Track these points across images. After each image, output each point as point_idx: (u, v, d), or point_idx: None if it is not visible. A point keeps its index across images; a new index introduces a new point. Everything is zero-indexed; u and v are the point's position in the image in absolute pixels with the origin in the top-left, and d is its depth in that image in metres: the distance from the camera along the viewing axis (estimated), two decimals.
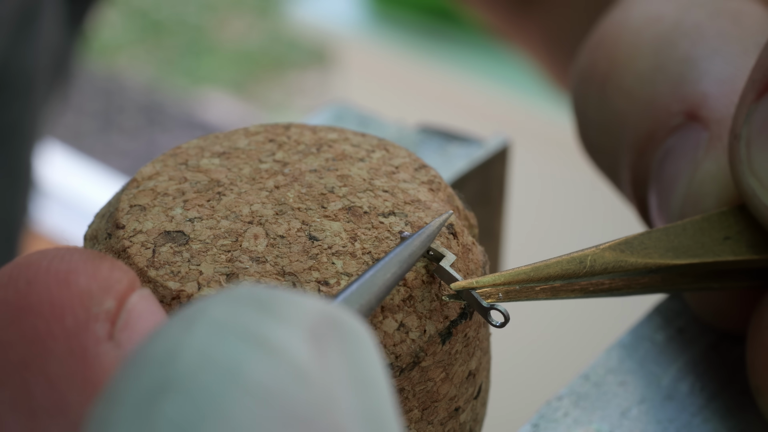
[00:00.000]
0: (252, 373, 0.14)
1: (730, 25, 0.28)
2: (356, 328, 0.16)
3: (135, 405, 0.13)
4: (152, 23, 2.25)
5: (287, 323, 0.15)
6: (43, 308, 0.16)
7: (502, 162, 0.34)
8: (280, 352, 0.14)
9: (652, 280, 0.25)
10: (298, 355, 0.14)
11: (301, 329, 0.15)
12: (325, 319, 0.15)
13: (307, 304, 0.15)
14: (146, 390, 0.14)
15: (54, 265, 0.16)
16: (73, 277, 0.16)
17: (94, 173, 1.65)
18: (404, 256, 0.21)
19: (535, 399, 0.41)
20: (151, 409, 0.13)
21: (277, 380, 0.14)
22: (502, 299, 0.22)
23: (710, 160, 0.26)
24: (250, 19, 2.26)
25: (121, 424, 0.13)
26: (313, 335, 0.15)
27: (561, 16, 0.48)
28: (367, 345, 0.16)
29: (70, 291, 0.16)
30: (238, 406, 0.13)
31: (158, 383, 0.14)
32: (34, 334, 0.16)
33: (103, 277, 0.17)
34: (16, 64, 0.57)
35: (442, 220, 0.22)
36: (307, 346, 0.15)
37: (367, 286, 0.20)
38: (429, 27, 1.23)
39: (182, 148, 0.25)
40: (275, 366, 0.14)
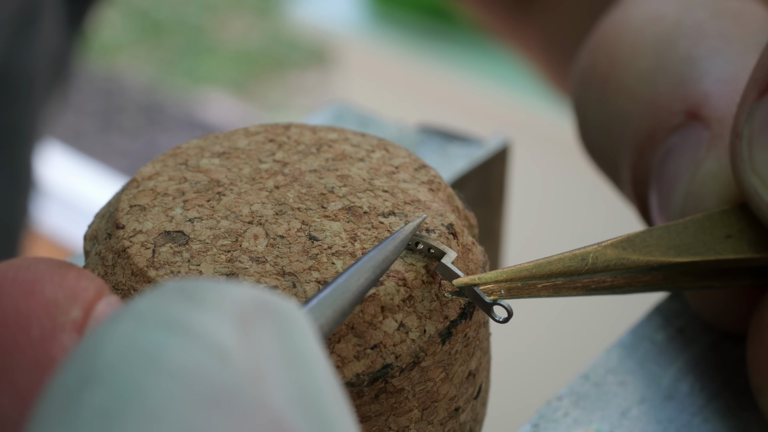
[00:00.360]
0: (171, 356, 0.14)
1: (731, 24, 0.28)
2: (288, 310, 0.16)
3: (59, 400, 0.14)
4: (152, 23, 2.25)
5: (210, 309, 0.15)
6: (9, 319, 0.16)
7: (502, 162, 0.34)
8: (201, 335, 0.14)
9: (653, 278, 0.25)
10: (219, 336, 0.14)
11: (226, 314, 0.15)
12: (253, 304, 0.15)
13: (235, 291, 0.15)
14: (70, 385, 0.14)
15: (20, 276, 0.16)
16: (38, 286, 0.16)
17: (94, 173, 1.65)
18: (378, 261, 0.20)
19: (535, 399, 0.41)
20: (73, 401, 0.13)
21: (196, 361, 0.14)
22: (504, 296, 0.22)
23: (711, 159, 0.26)
24: (250, 19, 2.26)
25: (46, 419, 0.13)
26: (239, 319, 0.15)
27: (559, 19, 0.48)
28: (300, 326, 0.15)
29: (36, 301, 0.16)
30: (158, 389, 0.13)
31: (81, 377, 0.14)
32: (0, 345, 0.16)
33: (69, 286, 0.16)
34: (16, 66, 0.57)
35: (415, 224, 0.22)
36: (231, 328, 0.15)
37: (340, 291, 0.19)
38: (429, 27, 1.23)
39: (182, 148, 0.25)
40: (195, 347, 0.14)
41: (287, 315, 0.15)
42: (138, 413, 0.13)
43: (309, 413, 0.15)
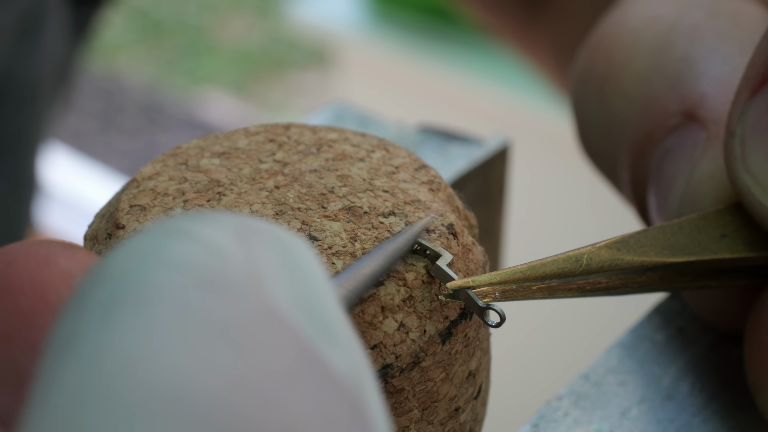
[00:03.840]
0: (171, 252, 0.15)
1: (728, 25, 0.28)
2: (285, 233, 0.16)
3: (73, 301, 0.15)
4: (152, 23, 2.25)
5: (211, 222, 0.15)
6: (25, 286, 0.17)
7: (502, 162, 0.34)
8: (200, 238, 0.15)
9: (649, 278, 0.25)
10: (217, 240, 0.15)
11: (226, 227, 0.15)
12: (254, 225, 0.16)
13: (237, 215, 0.16)
14: (82, 289, 0.15)
15: (33, 250, 0.17)
16: (53, 258, 0.17)
17: (94, 173, 1.65)
18: (389, 250, 0.21)
19: (535, 399, 0.41)
20: (82, 297, 0.14)
21: (194, 255, 0.15)
22: (499, 299, 0.22)
23: (708, 160, 0.26)
24: (250, 19, 2.26)
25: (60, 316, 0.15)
26: (239, 233, 0.15)
27: (569, 26, 0.48)
28: (297, 245, 0.16)
29: (50, 271, 0.17)
30: (156, 277, 0.14)
31: (91, 280, 0.15)
32: (16, 309, 0.16)
33: (81, 260, 0.17)
34: (21, 74, 0.57)
35: (426, 220, 0.22)
36: (230, 237, 0.15)
37: (354, 275, 0.20)
38: (429, 27, 1.23)
39: (182, 148, 0.25)
40: (193, 246, 0.15)
41: (286, 237, 0.16)
42: (137, 298, 0.14)
43: (308, 314, 0.15)
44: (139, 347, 0.14)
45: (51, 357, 0.14)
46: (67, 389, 0.13)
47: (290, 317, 0.15)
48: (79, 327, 0.14)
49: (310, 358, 0.14)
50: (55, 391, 0.14)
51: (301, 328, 0.15)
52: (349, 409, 0.14)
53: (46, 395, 0.14)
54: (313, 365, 0.14)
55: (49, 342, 0.14)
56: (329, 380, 0.14)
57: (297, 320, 0.15)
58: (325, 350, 0.15)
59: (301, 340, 0.14)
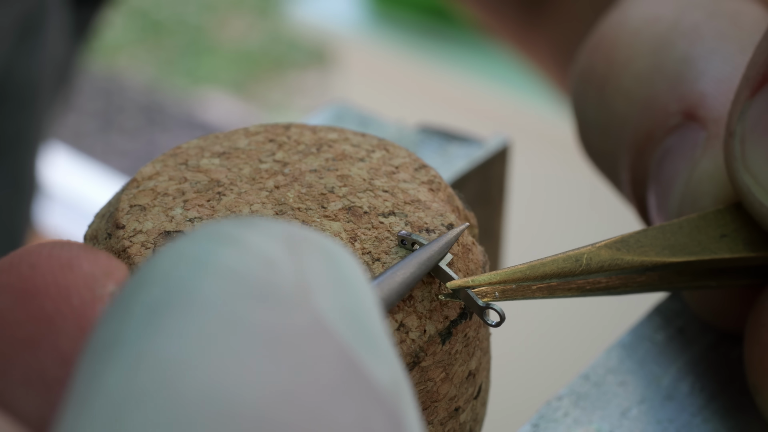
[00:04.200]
0: (219, 260, 0.15)
1: (728, 25, 0.28)
2: (335, 245, 0.16)
3: (117, 303, 0.14)
4: (152, 23, 2.25)
5: (260, 230, 0.15)
6: (49, 289, 0.16)
7: (502, 162, 0.34)
8: (249, 246, 0.15)
9: (649, 278, 0.25)
10: (267, 249, 0.15)
11: (275, 235, 0.15)
12: (302, 234, 0.16)
13: (285, 223, 0.16)
14: (127, 291, 0.15)
15: (56, 252, 0.17)
16: (76, 262, 0.17)
17: (94, 173, 1.65)
18: (423, 258, 0.21)
19: (535, 399, 0.41)
20: (127, 301, 0.14)
21: (243, 264, 0.15)
22: (498, 298, 0.22)
23: (708, 159, 0.26)
24: (250, 19, 2.26)
25: (103, 318, 0.14)
26: (287, 242, 0.15)
27: (569, 27, 0.48)
28: (348, 259, 0.16)
29: (74, 274, 0.17)
30: (204, 285, 0.14)
31: (136, 283, 0.15)
32: (42, 313, 0.16)
33: (103, 263, 0.17)
34: (21, 75, 0.57)
35: (459, 230, 0.22)
36: (280, 246, 0.15)
37: (388, 282, 0.21)
38: (429, 27, 1.23)
39: (182, 148, 0.25)
40: (243, 254, 0.15)
41: (333, 247, 0.16)
42: (183, 304, 0.14)
43: (354, 326, 0.15)
44: (185, 355, 0.13)
45: (91, 360, 0.14)
46: (107, 394, 0.13)
47: (337, 330, 0.15)
48: (122, 331, 0.14)
49: (356, 372, 0.14)
50: (94, 395, 0.13)
51: (347, 341, 0.15)
52: (390, 422, 0.14)
53: (86, 399, 0.13)
54: (359, 378, 0.14)
55: (88, 345, 0.14)
56: (373, 393, 0.14)
57: (343, 333, 0.15)
58: (369, 363, 0.15)
59: (347, 353, 0.14)
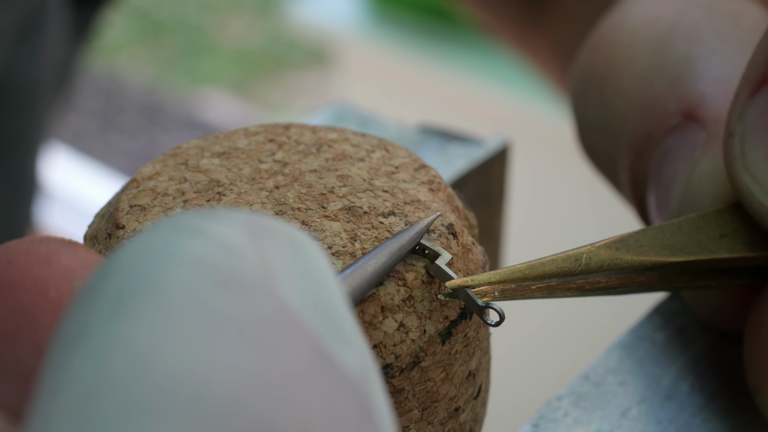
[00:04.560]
0: (183, 249, 0.15)
1: (727, 25, 0.28)
2: (298, 233, 0.16)
3: (80, 294, 0.15)
4: (152, 23, 2.25)
5: (223, 220, 0.15)
6: (27, 283, 0.17)
7: (502, 162, 0.34)
8: (213, 235, 0.15)
9: (648, 278, 0.25)
10: (230, 238, 0.15)
11: (238, 225, 0.15)
12: (265, 224, 0.16)
13: (248, 213, 0.16)
14: (92, 283, 0.15)
15: (34, 247, 0.17)
16: (53, 255, 0.17)
17: (94, 173, 1.65)
18: (394, 248, 0.21)
19: (535, 399, 0.41)
20: (90, 292, 0.14)
21: (207, 253, 0.15)
22: (498, 298, 0.22)
23: (707, 160, 0.26)
24: (250, 19, 2.26)
25: (69, 308, 0.14)
26: (250, 231, 0.15)
27: (570, 28, 0.48)
28: (311, 247, 0.16)
29: (51, 268, 0.17)
30: (168, 273, 0.14)
31: (100, 274, 0.15)
32: (19, 306, 0.16)
33: (82, 257, 0.17)
34: (21, 76, 0.57)
35: (430, 219, 0.22)
36: (243, 235, 0.15)
37: (359, 272, 0.21)
38: (429, 27, 1.23)
39: (182, 148, 0.25)
40: (206, 243, 0.15)
41: (298, 235, 0.16)
42: (149, 293, 0.14)
43: (320, 313, 0.15)
44: (151, 343, 0.13)
45: (59, 351, 0.14)
46: (76, 384, 0.13)
47: (303, 316, 0.15)
48: (88, 321, 0.14)
49: (323, 357, 0.14)
50: (63, 385, 0.13)
51: (313, 327, 0.15)
52: (358, 407, 0.14)
53: (54, 390, 0.14)
54: (325, 364, 0.14)
55: (56, 336, 0.14)
56: (340, 378, 0.14)
57: (309, 319, 0.15)
58: (336, 349, 0.15)
59: (314, 338, 0.14)
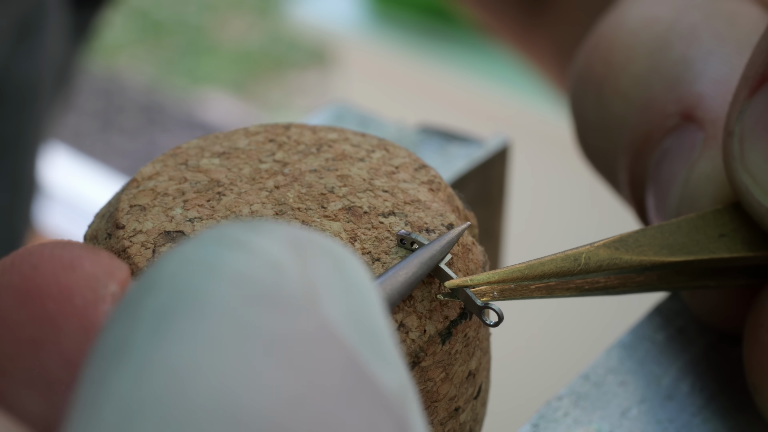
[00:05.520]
0: (227, 264, 0.14)
1: (725, 26, 0.28)
2: (340, 247, 0.16)
3: (123, 308, 0.14)
4: (152, 23, 2.25)
5: (266, 233, 0.15)
6: (51, 290, 0.16)
7: (502, 162, 0.34)
8: (256, 250, 0.15)
9: (647, 278, 0.25)
10: (274, 253, 0.15)
11: (282, 239, 0.15)
12: (307, 237, 0.16)
13: (291, 226, 0.16)
14: (133, 295, 0.14)
15: (58, 252, 0.17)
16: (78, 262, 0.17)
17: (94, 173, 1.65)
18: (425, 258, 0.21)
19: (535, 399, 0.41)
20: (133, 306, 0.14)
21: (251, 269, 0.14)
22: (497, 298, 0.22)
23: (706, 160, 0.26)
24: (250, 19, 2.26)
25: (110, 323, 0.14)
26: (294, 246, 0.15)
27: (570, 29, 0.48)
28: (353, 262, 0.16)
29: (76, 274, 0.17)
30: (212, 289, 0.14)
31: (143, 287, 0.14)
32: (44, 313, 0.16)
33: (105, 263, 0.17)
34: (20, 76, 0.57)
35: (461, 230, 0.22)
36: (286, 250, 0.15)
37: (390, 281, 0.21)
38: (429, 27, 1.23)
39: (182, 148, 0.25)
40: (250, 259, 0.15)
41: (340, 251, 0.16)
42: (192, 309, 0.14)
43: (361, 331, 0.15)
44: (193, 362, 0.13)
45: (98, 365, 0.14)
46: (116, 401, 0.13)
47: (344, 334, 0.15)
48: (130, 336, 0.14)
49: (363, 377, 0.14)
50: (103, 401, 0.13)
51: (355, 346, 0.15)
52: (396, 428, 0.14)
53: (94, 405, 0.13)
54: (366, 384, 0.14)
55: (96, 349, 0.14)
56: (380, 399, 0.14)
57: (350, 337, 0.15)
58: (376, 368, 0.15)
59: (355, 358, 0.14)
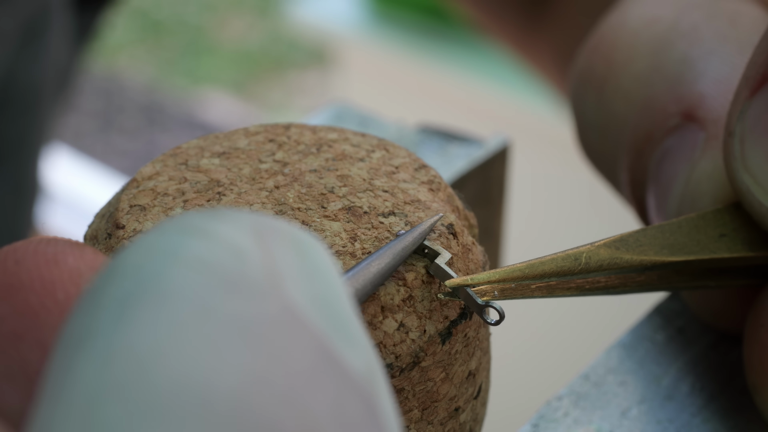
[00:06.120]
0: (189, 251, 0.15)
1: (726, 25, 0.28)
2: (303, 233, 0.16)
3: (86, 297, 0.14)
4: (152, 23, 2.25)
5: (228, 220, 0.15)
6: (34, 284, 0.16)
7: (502, 162, 0.34)
8: (218, 237, 0.15)
9: (648, 278, 0.25)
10: (236, 239, 0.15)
11: (243, 226, 0.15)
12: (270, 224, 0.16)
13: (252, 213, 0.16)
14: (95, 284, 0.15)
15: (41, 248, 0.17)
16: (61, 257, 0.17)
17: (94, 173, 1.65)
18: (397, 249, 0.21)
19: (535, 399, 0.41)
20: (95, 294, 0.14)
21: (213, 255, 0.15)
22: (497, 297, 0.22)
23: (707, 160, 0.26)
24: (250, 19, 2.26)
25: (73, 312, 0.14)
26: (256, 232, 0.15)
27: (571, 32, 0.48)
28: (313, 245, 0.16)
29: (59, 269, 0.17)
30: (175, 276, 0.14)
31: (105, 276, 0.15)
32: (26, 307, 0.16)
33: (89, 258, 0.17)
34: (24, 79, 0.57)
35: (434, 220, 0.22)
36: (248, 236, 0.15)
37: (363, 272, 0.21)
38: (429, 27, 1.23)
39: (182, 148, 0.25)
40: (212, 245, 0.15)
41: (303, 236, 0.16)
42: (154, 295, 0.14)
43: (326, 314, 0.15)
44: (158, 346, 0.13)
45: (63, 353, 0.14)
46: (81, 387, 0.13)
47: (309, 317, 0.15)
48: (94, 324, 0.14)
49: (329, 358, 0.14)
50: (67, 388, 0.13)
51: (319, 328, 0.15)
52: (364, 408, 0.14)
53: (58, 393, 0.13)
54: (332, 365, 0.14)
55: (60, 338, 0.14)
56: (346, 380, 0.14)
57: (315, 320, 0.15)
58: (342, 350, 0.15)
59: (320, 340, 0.14)
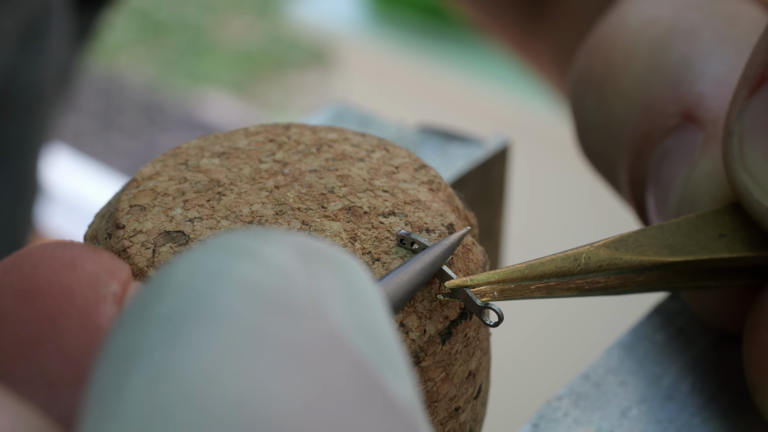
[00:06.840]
0: (236, 271, 0.15)
1: (725, 26, 0.28)
2: (346, 256, 0.16)
3: (132, 313, 0.15)
4: (152, 23, 2.25)
5: (274, 242, 0.15)
6: (52, 289, 0.16)
7: (502, 162, 0.34)
8: (265, 257, 0.15)
9: (647, 278, 0.25)
10: (282, 261, 0.15)
11: (289, 247, 0.15)
12: (314, 246, 0.16)
13: (297, 235, 0.16)
14: (142, 301, 0.15)
15: (59, 252, 0.17)
16: (78, 261, 0.17)
17: (94, 173, 1.65)
18: (427, 263, 0.21)
19: (535, 399, 0.41)
20: (143, 311, 0.14)
21: (260, 276, 0.15)
22: (497, 298, 0.22)
23: (706, 160, 0.26)
24: (250, 19, 2.26)
25: (119, 327, 0.14)
26: (301, 255, 0.15)
27: (571, 33, 0.48)
28: (359, 271, 0.16)
29: (77, 274, 0.17)
30: (222, 296, 0.14)
31: (152, 293, 0.15)
32: (45, 312, 0.16)
33: (106, 263, 0.17)
34: (24, 80, 0.57)
35: (462, 233, 0.22)
36: (294, 258, 0.15)
37: (392, 285, 0.21)
38: (429, 27, 1.23)
39: (182, 148, 0.25)
40: (259, 266, 0.15)
41: (346, 259, 0.16)
42: (202, 315, 0.14)
43: (370, 341, 0.15)
44: (209, 367, 0.13)
45: (109, 369, 0.14)
46: (132, 406, 0.13)
47: (353, 343, 0.15)
48: (142, 340, 0.14)
49: (375, 387, 0.14)
50: (117, 407, 0.13)
51: (364, 355, 0.15)
52: None
53: (108, 411, 0.13)
54: (378, 393, 0.14)
55: (105, 350, 0.14)
56: (393, 409, 0.14)
57: (360, 346, 0.15)
58: (388, 378, 0.15)
59: (365, 367, 0.14)
